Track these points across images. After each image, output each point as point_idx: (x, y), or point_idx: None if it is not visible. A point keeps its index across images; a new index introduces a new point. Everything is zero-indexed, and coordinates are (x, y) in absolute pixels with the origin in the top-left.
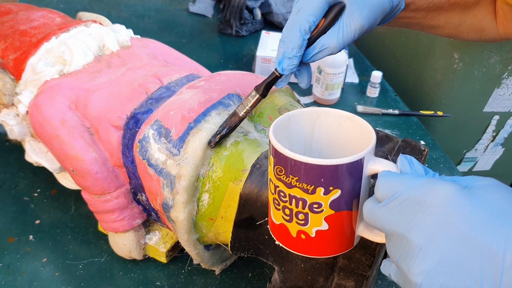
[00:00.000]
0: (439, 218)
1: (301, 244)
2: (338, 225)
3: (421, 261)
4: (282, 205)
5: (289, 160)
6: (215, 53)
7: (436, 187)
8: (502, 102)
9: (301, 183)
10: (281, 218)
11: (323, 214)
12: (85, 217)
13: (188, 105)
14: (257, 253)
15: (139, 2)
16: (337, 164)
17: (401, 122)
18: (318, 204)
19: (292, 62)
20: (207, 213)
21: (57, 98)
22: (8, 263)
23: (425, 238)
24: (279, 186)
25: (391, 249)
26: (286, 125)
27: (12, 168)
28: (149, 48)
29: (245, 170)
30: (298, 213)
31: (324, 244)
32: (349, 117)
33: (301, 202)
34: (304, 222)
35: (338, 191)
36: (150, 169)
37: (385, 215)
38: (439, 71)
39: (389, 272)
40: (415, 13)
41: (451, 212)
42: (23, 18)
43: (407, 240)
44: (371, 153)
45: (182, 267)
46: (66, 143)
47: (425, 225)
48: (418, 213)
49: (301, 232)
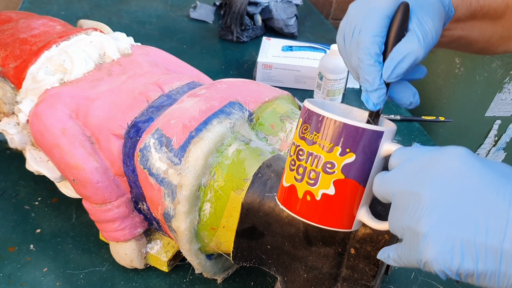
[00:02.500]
0: (450, 173)
1: (304, 206)
2: (344, 194)
3: (430, 212)
4: (297, 165)
5: (318, 116)
6: (216, 59)
7: (448, 149)
8: (504, 106)
9: (322, 139)
10: (292, 179)
11: (333, 177)
12: (86, 226)
13: (189, 114)
14: (259, 263)
15: (139, 9)
16: (358, 127)
17: (403, 128)
18: (332, 164)
19: (380, 93)
20: (208, 222)
21: (58, 107)
22: (9, 273)
23: (435, 191)
24: (300, 144)
25: (398, 214)
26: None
27: (13, 176)
28: (150, 55)
29: (247, 179)
30: (311, 171)
31: (326, 211)
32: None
33: (316, 159)
34: (314, 182)
35: (353, 156)
36: (151, 178)
37: (397, 177)
38: (441, 76)
39: (387, 253)
40: (456, 24)
41: (462, 168)
42: (24, 26)
43: (418, 196)
44: (390, 134)
45: (184, 276)
46: (67, 152)
47: (437, 179)
48: (431, 169)
49: (308, 193)
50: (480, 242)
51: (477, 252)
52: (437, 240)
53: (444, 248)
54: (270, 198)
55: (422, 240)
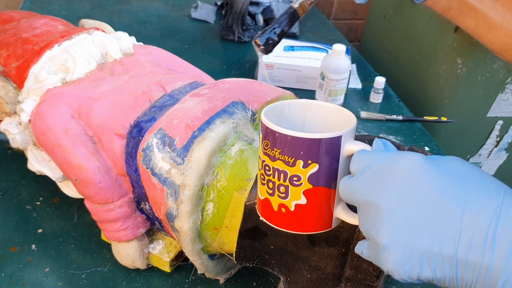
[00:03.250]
0: (405, 183)
1: (281, 218)
2: (316, 201)
3: (388, 223)
4: (266, 179)
5: (275, 133)
6: (218, 59)
7: (403, 156)
8: (506, 107)
9: (283, 155)
10: (265, 193)
11: (301, 188)
12: (88, 226)
13: (192, 114)
14: (262, 263)
15: (141, 9)
16: (316, 138)
17: (405, 128)
18: (298, 177)
19: None
20: (211, 222)
21: (60, 106)
22: (11, 273)
23: (392, 201)
24: (265, 160)
25: (362, 220)
26: (280, 111)
27: (15, 176)
28: (152, 55)
29: (250, 179)
30: (280, 185)
31: (303, 219)
32: (337, 109)
33: (282, 174)
34: (285, 195)
35: (316, 166)
36: (154, 178)
37: (358, 186)
38: (443, 77)
39: (361, 249)
40: None
41: (416, 177)
42: (26, 25)
43: (377, 205)
44: (349, 134)
45: (186, 276)
46: (69, 152)
47: (393, 190)
48: (387, 179)
49: (282, 205)
50: (436, 251)
51: (434, 261)
52: (395, 251)
53: (402, 258)
54: None
55: (381, 251)
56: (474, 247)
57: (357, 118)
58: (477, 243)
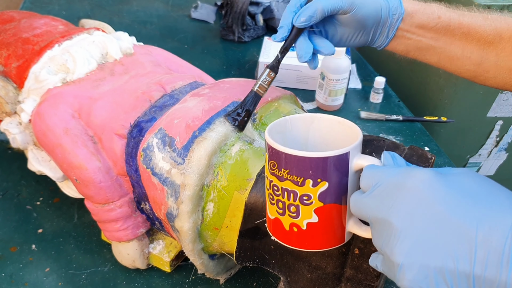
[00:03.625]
0: (416, 200)
1: (294, 237)
2: (328, 218)
3: (402, 242)
4: (276, 199)
5: (281, 153)
6: (218, 59)
7: (413, 173)
8: (505, 107)
9: (292, 175)
10: (275, 212)
11: (312, 206)
12: (88, 226)
13: (192, 114)
14: (262, 263)
15: (141, 9)
16: (324, 157)
17: (405, 128)
18: (308, 196)
19: (282, 30)
20: (212, 222)
21: (60, 106)
22: (11, 273)
23: (404, 220)
24: (273, 180)
25: (376, 237)
26: (282, 128)
27: (15, 176)
28: (152, 55)
29: (250, 179)
30: (290, 205)
31: (316, 237)
32: (339, 121)
33: (292, 194)
34: (296, 215)
35: (325, 184)
36: (154, 178)
37: (369, 203)
38: (442, 76)
39: (375, 263)
40: (423, 31)
41: (427, 194)
42: (26, 25)
43: (389, 224)
44: (356, 149)
45: (186, 276)
46: (69, 152)
47: (404, 208)
48: (398, 197)
49: (294, 225)
50: (452, 269)
51: (450, 278)
52: (410, 270)
53: (418, 277)
54: None
55: (397, 269)
56: (491, 264)
57: (357, 118)
58: (494, 261)
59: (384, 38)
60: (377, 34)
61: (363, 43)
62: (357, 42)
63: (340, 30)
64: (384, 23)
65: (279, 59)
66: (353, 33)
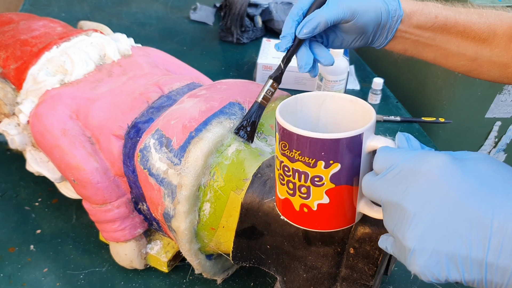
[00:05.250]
0: (431, 186)
1: (304, 217)
2: (339, 199)
3: (414, 227)
4: (286, 180)
5: (293, 134)
6: (216, 61)
7: (429, 157)
8: (504, 108)
9: (303, 157)
10: (285, 193)
11: (324, 188)
12: (86, 226)
13: (189, 114)
14: (259, 263)
15: (140, 10)
16: (337, 138)
17: (403, 129)
18: (319, 178)
19: (285, 40)
20: (208, 222)
21: (58, 107)
22: (9, 273)
23: (418, 205)
24: (284, 161)
25: (387, 220)
26: (293, 107)
27: (13, 177)
28: (150, 56)
29: (246, 179)
30: (301, 186)
31: (326, 218)
32: (352, 100)
33: (303, 175)
34: (306, 196)
35: (338, 165)
36: (151, 178)
37: (382, 186)
38: (441, 77)
39: (385, 245)
40: (421, 31)
41: (443, 179)
42: (24, 27)
43: (402, 208)
44: (370, 130)
45: (183, 276)
46: (67, 153)
47: (418, 193)
48: (412, 181)
49: (304, 205)
50: (464, 255)
51: (462, 264)
52: (422, 255)
53: (430, 263)
54: (270, 198)
55: (408, 254)
56: (505, 252)
57: None
58: (508, 249)
59: (383, 40)
60: (376, 36)
61: (362, 45)
62: (357, 45)
63: (340, 35)
64: (384, 26)
65: (282, 70)
66: (353, 38)
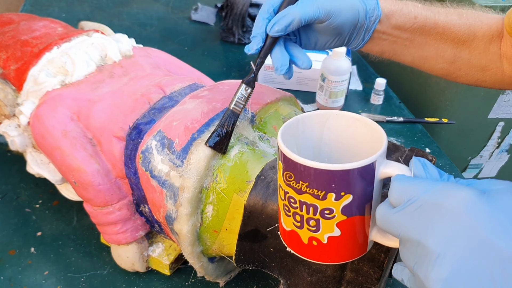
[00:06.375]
0: (457, 224)
1: (313, 250)
2: (351, 231)
3: (439, 268)
4: (292, 211)
5: (299, 165)
6: (218, 61)
7: (453, 192)
8: (507, 108)
9: (312, 189)
10: (291, 225)
11: (335, 220)
12: (88, 228)
13: (191, 116)
14: (262, 266)
15: (141, 11)
16: (349, 169)
17: (406, 130)
18: (330, 210)
19: (256, 40)
20: (211, 225)
21: (59, 109)
22: (10, 276)
23: (442, 244)
24: (289, 192)
25: (406, 255)
26: (295, 129)
27: (14, 179)
28: (151, 57)
29: (249, 182)
30: (309, 219)
31: (337, 250)
32: (358, 118)
33: (312, 208)
34: (316, 229)
35: (350, 196)
36: (153, 180)
37: (400, 220)
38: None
39: (401, 277)
40: (400, 32)
41: (470, 217)
42: (25, 28)
43: (424, 246)
44: (382, 156)
45: (186, 279)
46: (68, 155)
47: (443, 231)
48: (435, 218)
49: (313, 238)
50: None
51: None
52: None
53: None
54: (273, 201)
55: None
56: None
57: None
58: None
59: (360, 41)
60: (352, 37)
61: (337, 46)
62: (332, 46)
63: (315, 36)
64: (361, 26)
65: (255, 73)
66: (328, 39)
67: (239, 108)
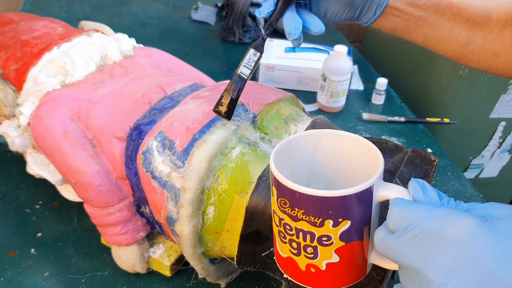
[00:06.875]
0: (459, 254)
1: (311, 277)
2: (350, 256)
3: None
4: (288, 238)
5: (294, 192)
6: (218, 61)
7: (454, 220)
8: (508, 108)
9: (308, 216)
10: (288, 252)
11: (333, 247)
12: (88, 229)
13: (192, 116)
14: (264, 268)
15: (141, 10)
16: (346, 195)
17: (407, 130)
18: (328, 237)
19: (267, 3)
20: (212, 226)
21: (59, 109)
22: (10, 277)
23: (443, 274)
24: (284, 219)
25: (406, 281)
26: (287, 150)
27: (14, 180)
28: (152, 57)
29: (251, 183)
30: (306, 246)
31: (336, 277)
32: (353, 138)
33: (309, 235)
34: (313, 256)
35: (348, 222)
36: (154, 181)
37: (398, 247)
38: (445, 78)
39: None
40: (413, 9)
41: (472, 247)
42: (25, 28)
43: (424, 276)
44: (380, 178)
45: (186, 280)
46: (68, 155)
47: (444, 261)
48: (436, 247)
49: (311, 265)
50: None
51: None
52: None
53: None
54: None
55: None
56: None
57: (358, 119)
58: None
59: (371, 15)
60: (364, 10)
61: (348, 19)
62: (342, 18)
63: (325, 4)
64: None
65: (264, 37)
66: (339, 8)
67: (247, 73)
